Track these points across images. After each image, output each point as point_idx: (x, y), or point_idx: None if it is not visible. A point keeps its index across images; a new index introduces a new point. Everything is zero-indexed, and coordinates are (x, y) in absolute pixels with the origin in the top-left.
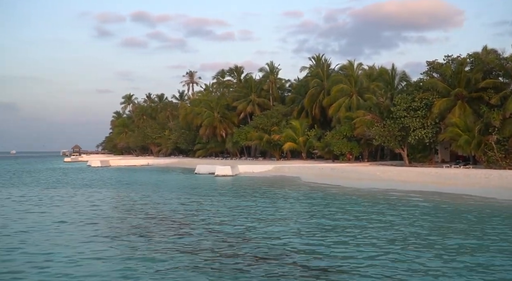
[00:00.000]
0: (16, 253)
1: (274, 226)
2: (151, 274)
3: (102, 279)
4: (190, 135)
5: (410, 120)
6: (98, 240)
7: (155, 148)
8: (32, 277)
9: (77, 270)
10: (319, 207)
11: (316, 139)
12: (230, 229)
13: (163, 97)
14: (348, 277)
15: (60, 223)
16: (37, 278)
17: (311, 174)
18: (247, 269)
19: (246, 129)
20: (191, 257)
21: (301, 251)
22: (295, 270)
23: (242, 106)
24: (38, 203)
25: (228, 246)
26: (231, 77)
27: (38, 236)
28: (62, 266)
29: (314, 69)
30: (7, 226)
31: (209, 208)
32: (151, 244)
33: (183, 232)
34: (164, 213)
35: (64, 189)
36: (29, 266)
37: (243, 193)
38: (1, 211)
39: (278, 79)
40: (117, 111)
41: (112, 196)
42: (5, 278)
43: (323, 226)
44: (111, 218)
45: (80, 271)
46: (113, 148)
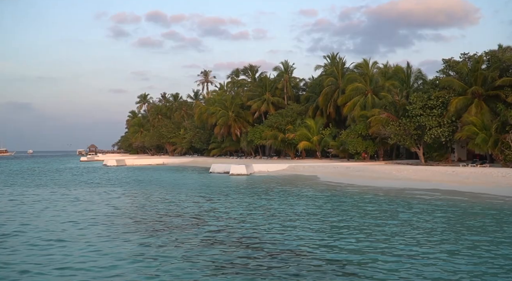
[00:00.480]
0: (37, 249)
1: (289, 224)
2: (166, 271)
3: (117, 275)
4: (205, 134)
5: (426, 119)
6: (114, 237)
7: (170, 147)
8: (53, 272)
9: (92, 267)
10: (333, 205)
11: (331, 138)
12: (246, 227)
13: (178, 96)
14: (364, 274)
15: (77, 220)
16: (58, 273)
17: (326, 173)
18: (263, 266)
19: (261, 128)
20: (206, 254)
21: (316, 249)
22: (311, 267)
23: (257, 105)
24: (56, 201)
25: (244, 244)
26: (245, 76)
27: (57, 233)
28: (79, 261)
29: (328, 68)
30: (27, 223)
31: (224, 207)
32: (166, 241)
33: (199, 230)
34: (179, 212)
35: (81, 188)
36: (49, 266)
37: (257, 192)
38: (22, 208)
39: (293, 78)
40: (132, 111)
41: (128, 195)
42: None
43: (339, 224)
44: (127, 216)
45: (94, 267)
46: (128, 147)
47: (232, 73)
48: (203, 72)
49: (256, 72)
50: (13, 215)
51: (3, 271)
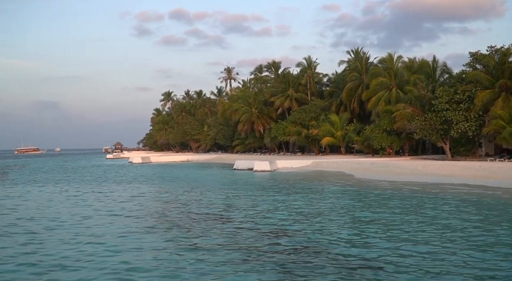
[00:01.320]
0: (66, 246)
1: (314, 220)
2: (193, 266)
3: (143, 270)
4: (229, 131)
5: (452, 113)
6: (141, 232)
7: (194, 144)
8: (82, 265)
9: (117, 262)
10: (359, 201)
11: (355, 133)
12: (270, 222)
13: (202, 93)
14: (390, 270)
15: (107, 216)
16: (87, 266)
17: (350, 168)
18: (288, 261)
19: (284, 124)
20: (232, 250)
21: (342, 244)
22: (337, 263)
23: (280, 101)
24: (85, 198)
25: (269, 239)
26: (268, 72)
27: (86, 228)
28: (106, 256)
29: (352, 63)
30: (55, 219)
31: (248, 203)
32: (192, 237)
33: (224, 226)
34: (203, 208)
35: (108, 185)
36: (80, 260)
37: (281, 188)
38: (52, 204)
39: (316, 74)
40: (157, 108)
41: (154, 192)
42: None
43: (365, 220)
44: (153, 212)
45: (120, 262)
46: (153, 144)
47: (255, 70)
48: (226, 69)
49: (279, 68)
50: (48, 209)
51: (38, 266)
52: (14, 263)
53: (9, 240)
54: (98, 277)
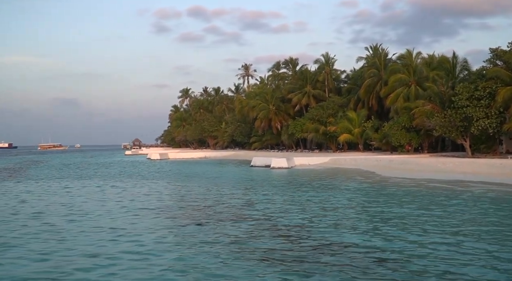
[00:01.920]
0: (86, 243)
1: (333, 217)
2: (210, 263)
3: (163, 267)
4: (246, 128)
5: (473, 110)
6: (159, 228)
7: (212, 141)
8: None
9: (137, 259)
10: (378, 198)
11: (373, 130)
12: (288, 220)
13: (219, 90)
14: (410, 267)
15: (125, 212)
16: (107, 263)
17: (368, 165)
18: (307, 258)
19: (302, 121)
20: (250, 247)
21: (363, 242)
22: (357, 261)
23: (297, 98)
24: (105, 193)
25: (287, 236)
26: (286, 69)
27: (107, 223)
28: (126, 254)
29: (370, 59)
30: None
31: (266, 199)
32: (209, 233)
33: (241, 222)
34: (221, 204)
35: (128, 180)
36: (99, 256)
37: (299, 185)
38: (78, 200)
39: (334, 70)
40: (175, 105)
41: (172, 188)
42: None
43: (385, 217)
44: (171, 208)
45: (140, 260)
46: (171, 141)
47: (273, 66)
48: (243, 65)
49: (296, 65)
50: (70, 205)
51: (64, 261)
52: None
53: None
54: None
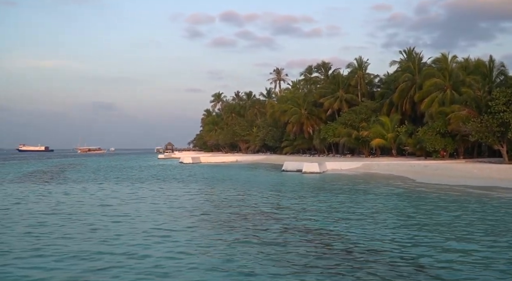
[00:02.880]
0: (117, 243)
1: (366, 222)
2: (241, 265)
3: (193, 268)
4: (278, 132)
5: (510, 115)
6: (191, 230)
7: (244, 145)
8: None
9: (168, 261)
10: (412, 203)
11: (406, 136)
12: (320, 224)
13: (251, 94)
14: (446, 277)
15: (158, 214)
16: (138, 265)
17: (402, 171)
18: (339, 263)
19: (334, 126)
20: (279, 251)
21: (397, 248)
22: (390, 267)
23: (329, 102)
24: (147, 195)
25: (320, 241)
26: (318, 73)
27: (138, 226)
28: (159, 256)
29: (404, 63)
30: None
31: (298, 204)
32: (239, 236)
33: (271, 226)
34: (252, 208)
35: (162, 184)
36: (131, 259)
37: (331, 190)
38: (110, 201)
39: (367, 74)
40: (207, 109)
41: (204, 191)
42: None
43: (420, 223)
44: (202, 211)
45: (171, 261)
46: (203, 145)
47: (305, 71)
48: (275, 70)
49: (329, 69)
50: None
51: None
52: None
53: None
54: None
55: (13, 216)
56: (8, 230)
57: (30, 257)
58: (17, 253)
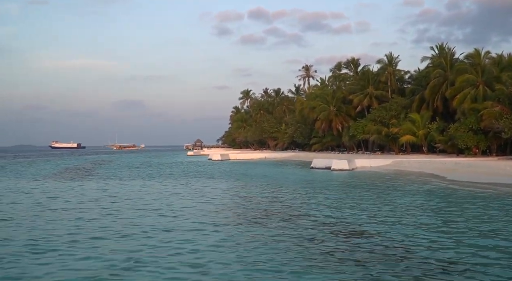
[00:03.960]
0: (145, 239)
1: (397, 221)
2: (268, 262)
3: (224, 263)
4: (306, 129)
5: None
6: (222, 226)
7: (272, 142)
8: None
9: (196, 259)
10: (444, 202)
11: (438, 132)
12: (351, 222)
13: (280, 91)
14: (479, 275)
15: (191, 209)
16: (170, 262)
17: (433, 168)
18: (369, 263)
19: (363, 123)
20: (306, 248)
21: (424, 247)
22: (421, 268)
23: (359, 99)
24: (169, 192)
25: (349, 239)
26: (347, 70)
27: (169, 223)
28: (187, 252)
29: (436, 59)
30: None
31: (327, 201)
32: (267, 233)
33: (299, 224)
34: (281, 205)
35: (192, 180)
36: (161, 254)
37: (361, 187)
38: (138, 196)
39: (397, 71)
40: (235, 106)
41: (233, 188)
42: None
43: (448, 220)
44: (232, 208)
45: (195, 257)
46: (232, 142)
47: (334, 67)
48: (304, 66)
49: (358, 65)
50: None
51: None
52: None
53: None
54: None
55: (88, 208)
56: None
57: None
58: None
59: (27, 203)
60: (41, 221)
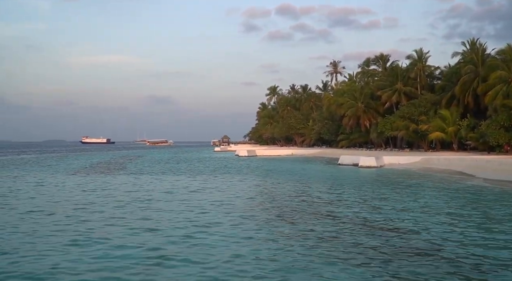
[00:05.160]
0: (177, 234)
1: (425, 219)
2: (299, 260)
3: (251, 259)
4: (333, 126)
5: None
6: (249, 223)
7: (299, 139)
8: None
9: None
10: (476, 201)
11: (468, 129)
12: (376, 219)
13: (307, 88)
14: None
15: (215, 207)
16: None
17: (463, 166)
18: (398, 261)
19: (392, 119)
20: (333, 246)
21: (455, 245)
22: (446, 265)
23: (387, 95)
24: (206, 187)
25: (377, 237)
26: (376, 66)
27: (196, 219)
28: (221, 245)
29: (467, 55)
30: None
31: (353, 198)
32: (292, 230)
33: (325, 221)
34: (306, 201)
35: (222, 176)
36: (190, 249)
37: (389, 185)
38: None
39: (427, 66)
40: (262, 103)
41: (262, 184)
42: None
43: (479, 222)
44: (259, 204)
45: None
46: (259, 138)
47: (362, 63)
48: (332, 62)
49: (387, 61)
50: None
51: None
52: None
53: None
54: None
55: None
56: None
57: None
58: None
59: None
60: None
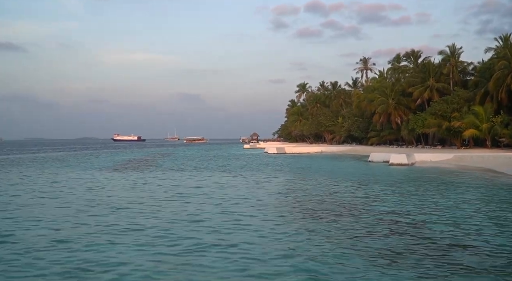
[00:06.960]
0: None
1: (458, 218)
2: (328, 257)
3: (283, 257)
4: (364, 123)
5: None
6: (278, 220)
7: (329, 136)
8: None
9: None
10: (505, 200)
11: (502, 126)
12: (408, 218)
13: (337, 84)
14: None
15: (243, 203)
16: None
17: (497, 164)
18: (431, 260)
19: (423, 116)
20: (363, 243)
21: (490, 246)
22: (481, 264)
23: (419, 91)
24: (237, 184)
25: (409, 235)
26: (407, 62)
27: (228, 215)
28: (248, 241)
29: (500, 50)
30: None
31: (383, 195)
32: (328, 228)
33: (355, 218)
34: (339, 199)
35: (253, 173)
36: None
37: (421, 182)
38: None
39: (460, 62)
40: (291, 100)
41: (292, 181)
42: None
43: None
44: (289, 201)
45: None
46: (287, 135)
47: (393, 60)
48: (362, 59)
49: (418, 57)
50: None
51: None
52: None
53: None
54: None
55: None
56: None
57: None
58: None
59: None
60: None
